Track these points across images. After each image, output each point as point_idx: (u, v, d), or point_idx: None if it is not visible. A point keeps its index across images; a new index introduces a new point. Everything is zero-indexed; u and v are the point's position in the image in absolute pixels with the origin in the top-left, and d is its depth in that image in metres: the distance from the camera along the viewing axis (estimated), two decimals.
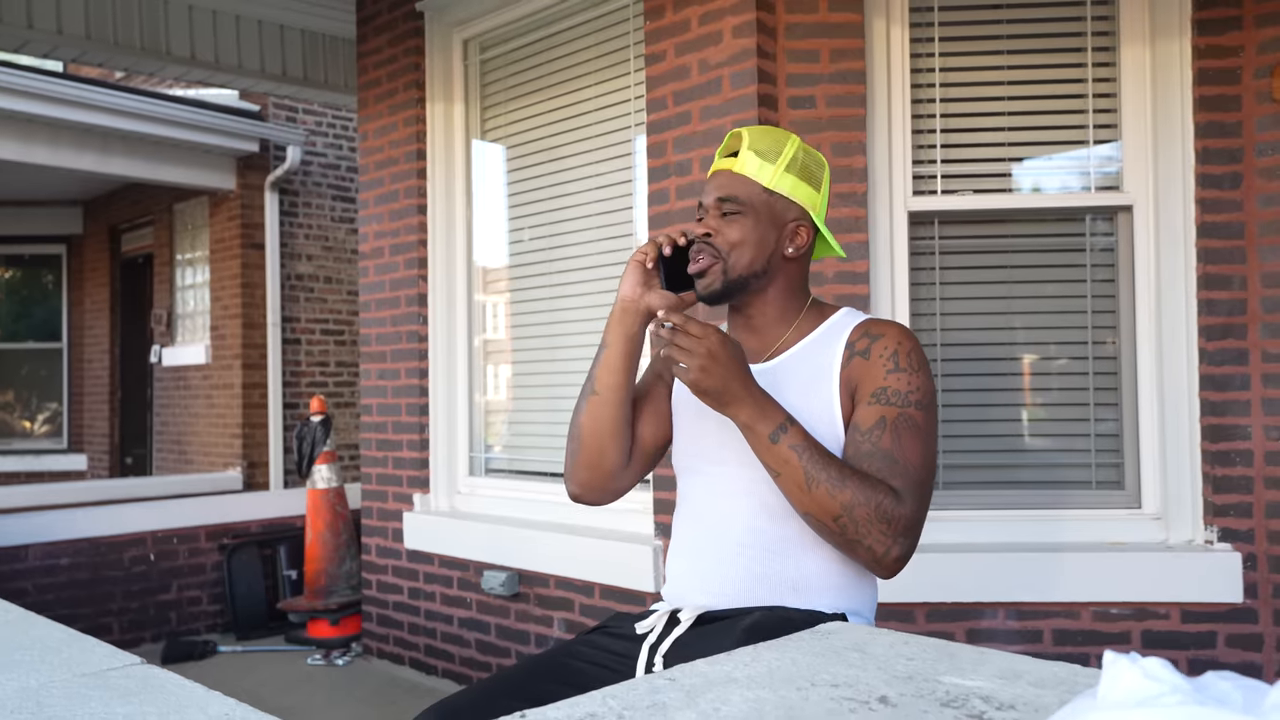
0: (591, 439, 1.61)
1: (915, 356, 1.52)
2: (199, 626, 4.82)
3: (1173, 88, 2.87)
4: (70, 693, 1.48)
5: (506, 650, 3.61)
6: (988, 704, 0.82)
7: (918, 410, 1.48)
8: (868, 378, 1.51)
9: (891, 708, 0.82)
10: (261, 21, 4.85)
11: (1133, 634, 2.77)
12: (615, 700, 0.86)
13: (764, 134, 1.63)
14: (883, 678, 0.90)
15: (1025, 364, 3.00)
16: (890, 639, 1.04)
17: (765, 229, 1.59)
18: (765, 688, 0.88)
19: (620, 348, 1.57)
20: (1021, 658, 0.97)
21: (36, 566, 4.35)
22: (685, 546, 1.63)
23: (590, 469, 1.63)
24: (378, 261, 4.18)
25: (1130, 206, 2.91)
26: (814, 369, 1.56)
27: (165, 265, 7.56)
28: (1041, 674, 0.90)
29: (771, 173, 1.59)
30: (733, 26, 2.87)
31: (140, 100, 6.09)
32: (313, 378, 6.92)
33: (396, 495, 4.08)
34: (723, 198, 1.59)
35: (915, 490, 1.43)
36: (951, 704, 0.82)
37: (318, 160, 7.00)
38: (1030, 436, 3.02)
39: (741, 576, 1.52)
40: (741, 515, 1.54)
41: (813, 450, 1.41)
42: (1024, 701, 0.82)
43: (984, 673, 0.90)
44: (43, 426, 8.77)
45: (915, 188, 2.97)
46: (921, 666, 0.93)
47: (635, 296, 1.56)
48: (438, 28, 3.98)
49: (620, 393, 1.59)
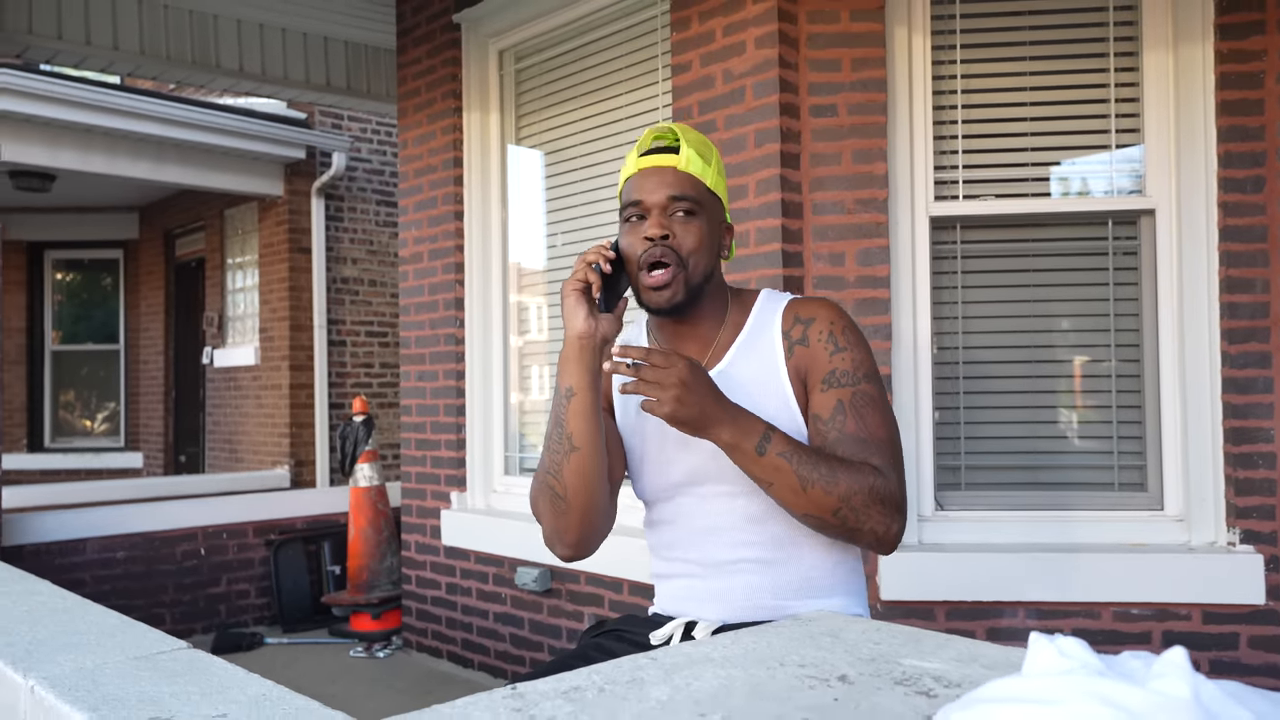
0: (580, 497, 1.47)
1: (850, 332, 1.52)
2: (247, 619, 4.98)
3: (1195, 92, 2.89)
4: (123, 673, 1.60)
5: (540, 644, 3.72)
6: (937, 682, 0.89)
7: (867, 383, 1.48)
8: (814, 365, 1.50)
9: (849, 685, 0.89)
10: (306, 34, 5.01)
11: (1153, 634, 2.80)
12: (599, 675, 0.95)
13: (687, 131, 1.57)
14: (847, 659, 0.97)
15: (1047, 367, 3.04)
16: (865, 626, 1.12)
17: (713, 230, 1.55)
18: (738, 667, 0.96)
19: (589, 392, 1.45)
20: (985, 644, 1.04)
21: (94, 559, 4.53)
22: (676, 570, 1.59)
23: (584, 528, 1.50)
24: (417, 266, 4.30)
25: (1153, 210, 2.94)
26: (761, 367, 1.53)
27: (216, 269, 7.79)
28: (995, 658, 0.97)
29: (712, 173, 1.55)
30: (756, 37, 2.94)
31: (193, 110, 6.31)
32: (357, 378, 7.10)
33: (434, 493, 4.21)
34: (677, 196, 1.50)
35: (893, 461, 1.44)
36: (904, 682, 0.89)
37: (362, 166, 7.18)
38: (1052, 438, 3.05)
39: (743, 590, 1.50)
40: (727, 531, 1.52)
41: (799, 452, 1.39)
42: (971, 680, 0.89)
43: (942, 656, 0.97)
44: (102, 425, 9.05)
45: (937, 193, 3.02)
46: (886, 650, 1.01)
47: (590, 330, 1.44)
48: (474, 39, 4.10)
49: (599, 439, 1.46)
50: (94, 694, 1.48)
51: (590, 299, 1.45)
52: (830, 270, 2.94)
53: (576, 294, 1.45)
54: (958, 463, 3.04)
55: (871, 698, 0.85)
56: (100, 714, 1.38)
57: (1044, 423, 3.05)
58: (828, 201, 2.95)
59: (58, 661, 1.68)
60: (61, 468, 8.45)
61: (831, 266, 2.94)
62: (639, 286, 1.52)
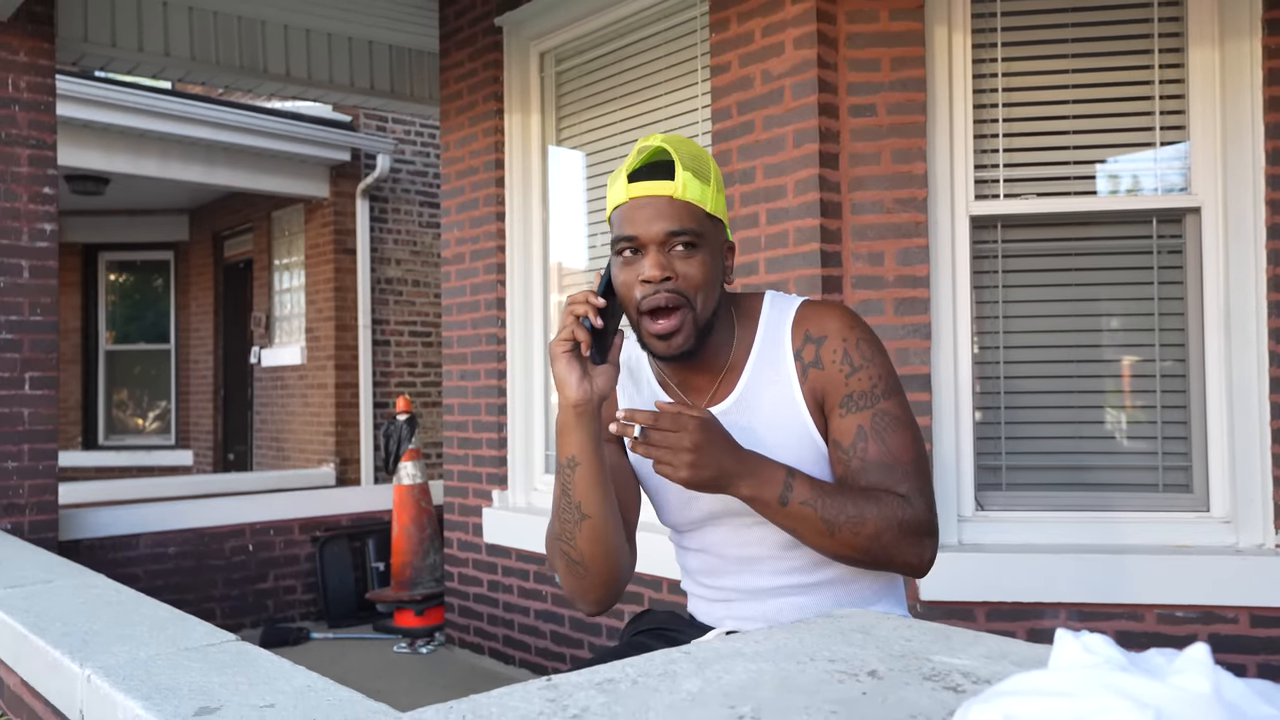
0: (598, 562, 1.40)
1: (864, 344, 1.42)
2: (294, 614, 5.08)
3: (1243, 88, 2.85)
4: (174, 663, 1.66)
5: (580, 642, 3.75)
6: (965, 678, 0.90)
7: (886, 399, 1.40)
8: (830, 388, 1.41)
9: (877, 680, 0.91)
10: (351, 38, 5.10)
11: (1199, 637, 2.76)
12: (632, 668, 0.97)
13: (680, 145, 1.40)
14: (877, 655, 0.99)
15: (1090, 367, 3.01)
16: (896, 623, 1.13)
17: (716, 260, 1.41)
18: (768, 661, 0.98)
19: (593, 458, 1.35)
20: (1015, 641, 1.04)
21: (146, 554, 4.65)
22: (713, 595, 1.54)
23: (606, 587, 1.43)
24: (459, 267, 4.36)
25: (1199, 208, 2.90)
26: (777, 392, 1.44)
27: (264, 270, 7.93)
28: (1025, 655, 0.98)
29: (710, 195, 1.40)
30: (794, 38, 2.95)
31: (241, 114, 6.44)
32: (401, 378, 7.19)
33: (476, 491, 4.26)
34: (675, 231, 1.35)
35: (920, 485, 1.37)
36: (933, 678, 0.91)
37: (406, 168, 7.27)
38: (1095, 439, 3.02)
39: (791, 610, 1.46)
40: (765, 561, 1.46)
41: (823, 495, 1.31)
42: (999, 677, 0.90)
43: (973, 653, 0.98)
44: (153, 424, 9.25)
45: (977, 192, 3.00)
46: (917, 646, 1.02)
47: (586, 395, 1.32)
48: (515, 42, 4.14)
49: (611, 505, 1.38)
50: (147, 684, 1.54)
51: (581, 358, 1.33)
52: (869, 270, 2.94)
53: (566, 356, 1.32)
54: (998, 463, 3.02)
55: (899, 692, 0.87)
56: (153, 703, 1.43)
57: (1087, 423, 3.02)
58: (867, 201, 2.94)
59: (113, 652, 1.75)
60: (114, 465, 8.65)
61: (870, 266, 2.94)
62: (642, 333, 1.39)
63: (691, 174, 1.37)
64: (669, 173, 1.37)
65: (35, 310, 3.99)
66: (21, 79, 3.98)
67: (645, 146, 1.40)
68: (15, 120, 3.96)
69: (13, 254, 3.94)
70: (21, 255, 3.96)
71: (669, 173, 1.37)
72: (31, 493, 3.97)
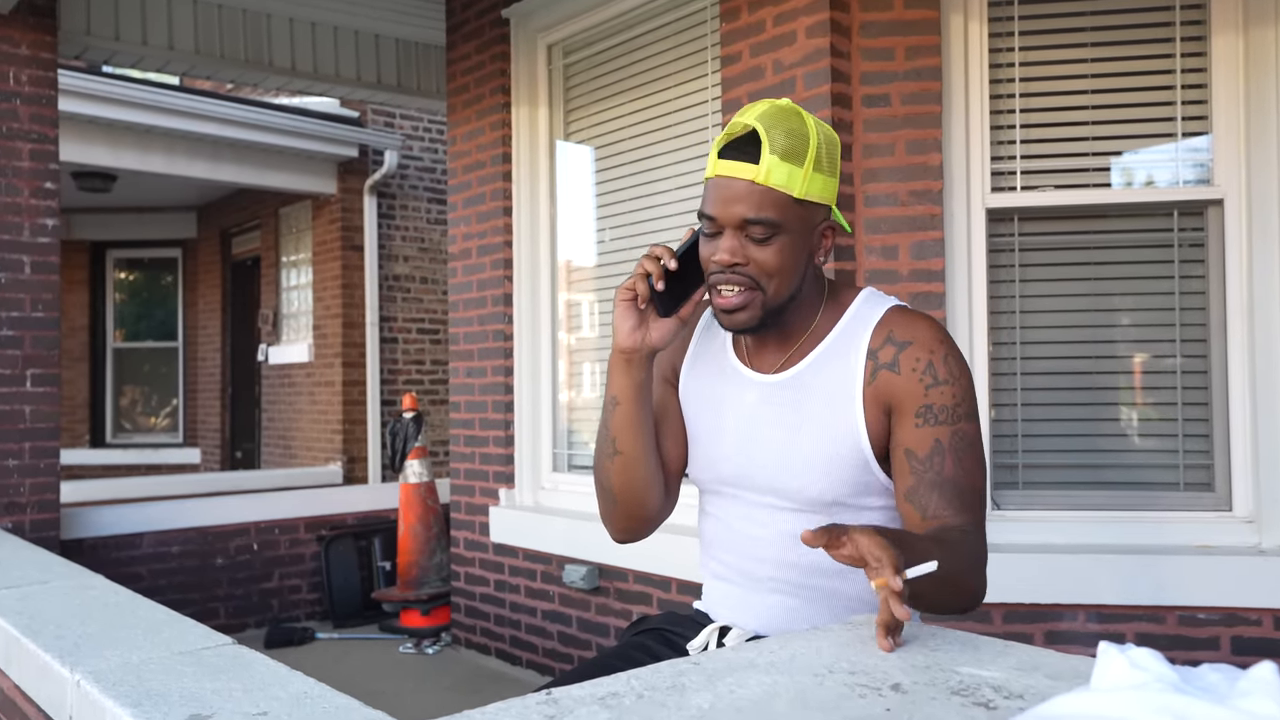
0: (624, 494, 1.49)
1: (951, 362, 1.38)
2: (299, 614, 5.03)
3: (1267, 78, 2.77)
4: (167, 668, 1.61)
5: (587, 643, 3.69)
6: (997, 693, 0.84)
7: (967, 422, 1.36)
8: (905, 396, 1.37)
9: (902, 694, 0.84)
10: (357, 32, 5.05)
11: (1221, 639, 2.69)
12: (638, 681, 0.91)
13: (779, 122, 1.33)
14: (901, 666, 0.93)
15: (1109, 363, 2.94)
16: (918, 631, 1.07)
17: (800, 245, 1.38)
18: (784, 673, 0.91)
19: (633, 402, 1.43)
20: (1047, 652, 0.98)
21: (150, 553, 4.60)
22: (717, 570, 1.55)
23: (629, 521, 1.53)
24: (465, 262, 4.30)
25: (1221, 200, 2.83)
26: (837, 382, 1.41)
27: (271, 267, 7.89)
28: (1059, 667, 0.92)
29: (802, 179, 1.33)
30: (806, 26, 2.89)
31: (248, 110, 6.39)
32: (409, 375, 7.15)
33: (483, 490, 4.20)
34: (752, 220, 1.33)
35: (981, 516, 1.34)
36: (961, 692, 0.84)
37: (414, 164, 7.22)
38: (1114, 436, 2.95)
39: (783, 611, 1.45)
40: (768, 546, 1.45)
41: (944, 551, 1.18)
42: (1034, 691, 0.84)
43: (1002, 664, 0.92)
44: (162, 421, 9.23)
45: (994, 184, 2.94)
46: (942, 657, 0.96)
47: (636, 344, 1.40)
48: (522, 34, 4.08)
49: (644, 445, 1.46)
50: (137, 689, 1.48)
51: (639, 310, 1.40)
52: (883, 264, 2.87)
53: (625, 305, 1.40)
54: (1014, 461, 2.95)
55: (925, 709, 0.81)
56: (142, 709, 1.38)
57: (1106, 420, 2.95)
58: (880, 193, 2.88)
59: (104, 656, 1.69)
60: (122, 463, 8.63)
61: (884, 260, 2.87)
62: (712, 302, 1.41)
63: (780, 157, 1.31)
64: (756, 155, 1.32)
65: (37, 307, 3.95)
66: (23, 72, 3.94)
67: (744, 113, 1.36)
68: (16, 114, 3.92)
69: (14, 249, 3.90)
70: (23, 251, 3.92)
71: (756, 155, 1.32)
72: (33, 491, 3.92)
